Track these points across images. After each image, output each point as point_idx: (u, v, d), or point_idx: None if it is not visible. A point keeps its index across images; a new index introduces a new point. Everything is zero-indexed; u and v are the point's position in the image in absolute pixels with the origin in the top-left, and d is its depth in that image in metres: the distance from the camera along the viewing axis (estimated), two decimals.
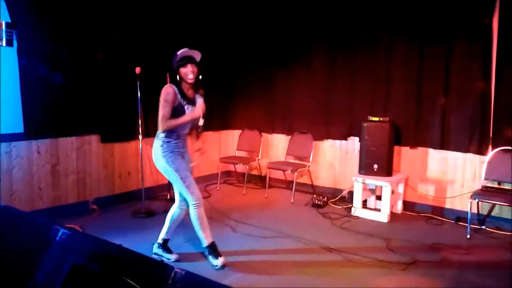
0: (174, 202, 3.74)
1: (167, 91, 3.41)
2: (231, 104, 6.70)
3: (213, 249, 3.59)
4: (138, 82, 4.81)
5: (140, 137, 4.94)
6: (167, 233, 3.75)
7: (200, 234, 3.58)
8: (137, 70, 4.75)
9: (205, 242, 3.60)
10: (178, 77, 3.49)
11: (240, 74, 6.57)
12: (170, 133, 3.47)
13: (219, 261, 3.53)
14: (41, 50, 4.46)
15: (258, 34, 6.30)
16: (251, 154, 6.50)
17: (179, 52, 3.46)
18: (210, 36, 6.19)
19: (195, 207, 3.51)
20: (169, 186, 5.48)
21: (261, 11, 6.23)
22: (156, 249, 3.75)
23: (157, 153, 3.51)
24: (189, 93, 3.54)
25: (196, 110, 3.47)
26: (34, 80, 4.43)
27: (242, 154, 6.60)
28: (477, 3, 4.53)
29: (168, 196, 5.42)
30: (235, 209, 5.17)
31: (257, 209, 5.25)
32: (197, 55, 3.50)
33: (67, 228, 2.35)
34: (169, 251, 3.76)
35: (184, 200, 3.62)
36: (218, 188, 6.18)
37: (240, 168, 6.71)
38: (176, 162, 3.49)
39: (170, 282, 1.96)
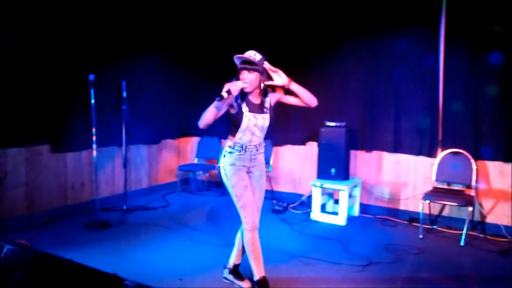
0: (130, 212, 3.63)
1: None
2: (191, 111, 6.63)
3: (263, 282, 3.11)
4: (92, 90, 4.69)
5: (94, 146, 4.81)
6: (236, 256, 3.36)
7: (251, 263, 3.13)
8: (91, 77, 4.63)
9: (255, 275, 3.13)
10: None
11: (199, 80, 6.52)
12: (235, 143, 3.09)
13: None
14: None
15: (218, 40, 6.28)
16: (211, 162, 6.47)
17: (235, 56, 3.07)
18: (170, 44, 6.13)
19: (246, 231, 3.10)
20: (125, 196, 5.37)
21: (226, 20, 6.22)
22: (226, 274, 3.39)
23: (219, 165, 3.19)
24: (255, 99, 3.11)
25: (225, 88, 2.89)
26: None
27: (202, 161, 6.55)
28: (425, 11, 4.70)
29: (125, 207, 5.29)
30: (194, 218, 5.12)
31: (216, 217, 5.22)
32: (256, 59, 3.01)
33: (13, 243, 2.24)
34: (240, 277, 3.35)
35: None
36: (177, 197, 6.09)
37: (199, 175, 6.65)
38: (234, 177, 3.09)
39: None
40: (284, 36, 5.65)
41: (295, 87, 3.09)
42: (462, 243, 4.25)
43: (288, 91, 3.14)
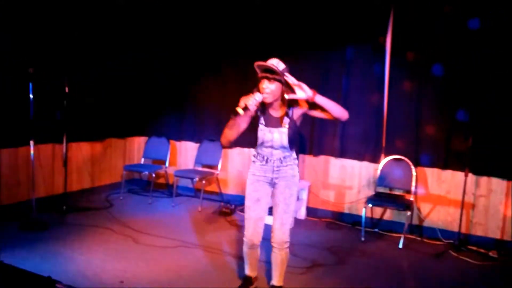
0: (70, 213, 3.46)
1: None
2: (138, 110, 6.47)
3: (244, 281, 3.20)
4: (31, 84, 4.45)
5: (32, 142, 4.55)
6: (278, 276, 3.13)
7: (245, 263, 3.20)
8: (30, 70, 4.39)
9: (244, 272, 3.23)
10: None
11: (148, 80, 6.38)
12: (258, 153, 3.03)
13: None
14: None
15: (168, 40, 6.17)
16: (158, 162, 6.33)
17: (256, 63, 2.80)
18: (116, 40, 5.94)
19: (244, 243, 3.09)
20: (65, 196, 5.13)
21: (174, 20, 6.11)
22: None
23: None
24: (276, 112, 2.92)
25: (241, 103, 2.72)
26: None
27: (149, 161, 6.40)
28: (373, 23, 4.88)
29: (64, 207, 5.05)
30: (139, 219, 4.98)
31: (162, 219, 5.10)
32: (279, 68, 2.76)
33: None
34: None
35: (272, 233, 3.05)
36: (121, 198, 5.90)
37: (146, 176, 6.50)
38: (250, 187, 3.03)
39: None
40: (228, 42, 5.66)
41: (320, 100, 2.80)
42: (400, 246, 4.42)
43: (313, 105, 2.87)
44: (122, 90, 6.20)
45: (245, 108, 2.69)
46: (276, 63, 2.77)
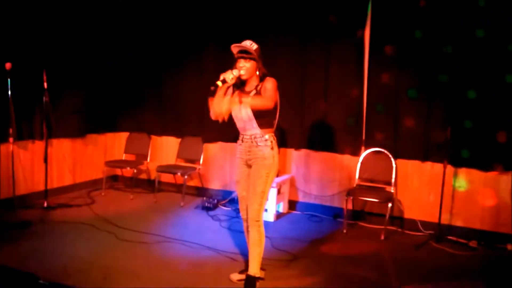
0: (52, 210, 3.44)
1: None
2: (118, 105, 6.40)
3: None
4: (9, 79, 4.38)
5: (11, 139, 4.48)
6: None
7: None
8: (7, 65, 4.32)
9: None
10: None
11: (128, 74, 6.31)
12: (239, 134, 3.31)
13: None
14: None
15: (148, 32, 6.11)
16: (139, 158, 6.29)
17: (233, 45, 3.13)
18: (97, 34, 5.86)
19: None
20: (46, 193, 5.07)
21: (152, 9, 6.06)
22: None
23: None
24: (250, 87, 3.20)
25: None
26: None
27: (130, 157, 6.35)
28: (351, 16, 4.93)
29: (45, 204, 4.98)
30: (121, 215, 4.95)
31: (144, 214, 5.09)
32: (251, 47, 3.09)
33: None
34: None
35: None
36: (103, 194, 5.85)
37: (127, 172, 6.45)
38: (236, 170, 3.39)
39: None
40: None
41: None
42: (382, 237, 4.50)
43: None
44: (102, 86, 6.13)
45: (224, 81, 3.00)
46: (249, 44, 3.11)
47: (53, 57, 5.23)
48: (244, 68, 3.10)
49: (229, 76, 3.02)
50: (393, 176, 4.83)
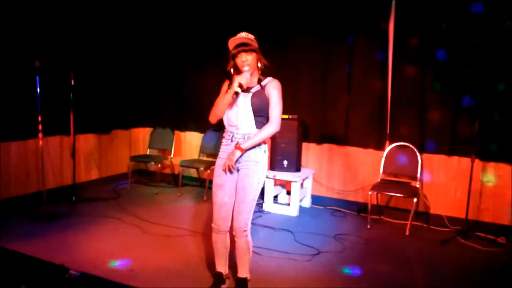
0: (79, 203, 3.52)
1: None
2: (142, 102, 6.50)
3: (215, 279, 3.10)
4: (38, 77, 4.49)
5: (40, 135, 4.61)
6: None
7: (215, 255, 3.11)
8: (36, 63, 4.43)
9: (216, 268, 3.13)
10: (232, 70, 2.97)
11: (152, 71, 6.39)
12: (226, 131, 2.99)
13: None
14: None
15: (170, 30, 6.17)
16: (164, 153, 6.37)
17: (230, 40, 2.93)
18: (121, 32, 5.96)
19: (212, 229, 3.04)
20: (74, 188, 5.20)
21: (178, 8, 6.11)
22: None
23: None
24: (251, 81, 2.93)
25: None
26: None
27: (154, 152, 6.44)
28: (375, 9, 4.86)
29: (74, 198, 5.12)
30: (146, 209, 5.04)
31: (169, 208, 5.16)
32: (252, 41, 2.88)
33: None
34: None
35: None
36: (128, 188, 5.96)
37: (152, 167, 6.55)
38: (216, 171, 2.96)
39: (65, 283, 1.87)
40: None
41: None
42: (407, 233, 4.44)
43: None
44: (127, 83, 6.23)
45: (241, 86, 2.83)
46: (245, 35, 2.91)
47: (80, 55, 5.34)
48: (247, 61, 2.86)
49: (243, 80, 2.84)
50: (419, 170, 4.75)
